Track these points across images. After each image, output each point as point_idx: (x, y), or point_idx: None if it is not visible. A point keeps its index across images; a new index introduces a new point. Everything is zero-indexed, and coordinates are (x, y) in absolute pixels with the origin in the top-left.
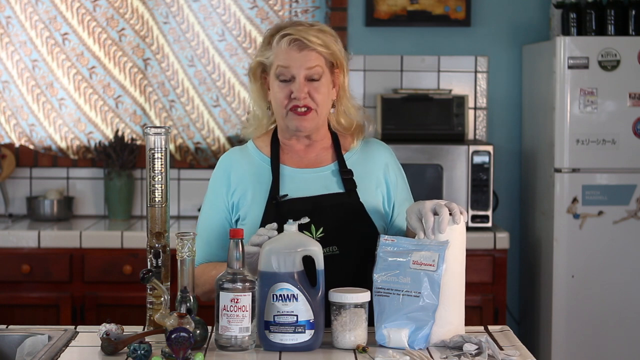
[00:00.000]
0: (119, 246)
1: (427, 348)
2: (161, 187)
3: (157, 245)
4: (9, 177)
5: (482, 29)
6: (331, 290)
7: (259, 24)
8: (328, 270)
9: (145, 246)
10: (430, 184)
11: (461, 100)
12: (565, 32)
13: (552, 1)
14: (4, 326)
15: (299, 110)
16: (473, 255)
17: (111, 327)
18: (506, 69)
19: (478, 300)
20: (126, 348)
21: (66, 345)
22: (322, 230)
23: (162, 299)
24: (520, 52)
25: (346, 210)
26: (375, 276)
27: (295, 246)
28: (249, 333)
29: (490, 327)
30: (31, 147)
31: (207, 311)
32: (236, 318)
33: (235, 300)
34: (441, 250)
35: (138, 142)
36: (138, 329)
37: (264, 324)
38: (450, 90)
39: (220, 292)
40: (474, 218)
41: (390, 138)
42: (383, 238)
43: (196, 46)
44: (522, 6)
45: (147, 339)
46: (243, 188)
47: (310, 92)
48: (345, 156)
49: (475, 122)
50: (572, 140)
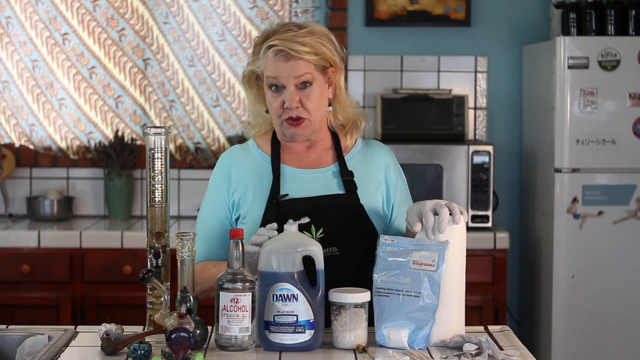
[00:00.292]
0: (119, 246)
1: (427, 348)
2: (161, 187)
3: (157, 245)
4: (9, 177)
5: (482, 29)
6: (331, 290)
7: (259, 24)
8: (328, 270)
9: (145, 246)
10: (430, 184)
11: (461, 100)
12: (565, 32)
13: (552, 1)
14: (4, 326)
15: (292, 120)
16: (473, 255)
17: (111, 327)
18: (506, 69)
19: (478, 300)
20: (126, 348)
21: (66, 345)
22: (322, 230)
23: (162, 299)
24: (520, 52)
25: (346, 211)
26: (375, 276)
27: (295, 246)
28: (249, 333)
29: (490, 327)
30: (31, 147)
31: (207, 311)
32: (236, 318)
33: (235, 300)
34: (441, 250)
35: (138, 142)
36: (138, 329)
37: (264, 324)
38: (450, 90)
39: (220, 292)
40: (474, 218)
41: (390, 138)
42: (383, 238)
43: (196, 46)
44: (522, 6)
45: (147, 339)
46: (244, 187)
47: (302, 100)
48: (346, 157)
49: (475, 122)
50: (572, 140)
